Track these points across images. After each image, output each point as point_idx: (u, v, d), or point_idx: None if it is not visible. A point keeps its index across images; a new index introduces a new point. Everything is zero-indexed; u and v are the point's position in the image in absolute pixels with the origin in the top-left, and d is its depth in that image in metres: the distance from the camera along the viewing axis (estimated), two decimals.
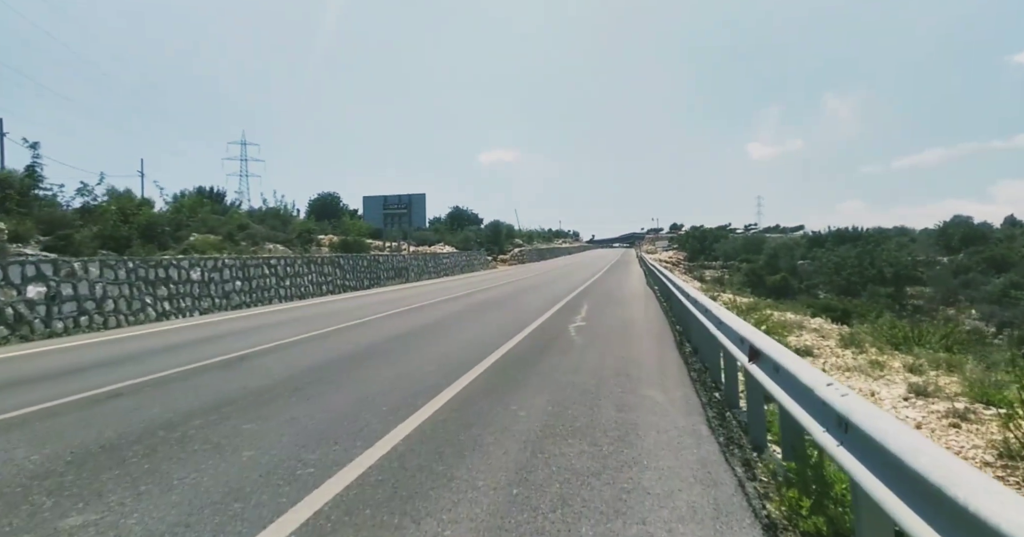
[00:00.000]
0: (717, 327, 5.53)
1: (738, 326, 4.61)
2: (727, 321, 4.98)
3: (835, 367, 7.46)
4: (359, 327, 10.14)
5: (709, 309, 6.13)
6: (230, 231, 23.57)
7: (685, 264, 58.96)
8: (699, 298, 7.24)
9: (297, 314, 13.09)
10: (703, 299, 7.04)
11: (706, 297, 7.68)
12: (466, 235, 54.19)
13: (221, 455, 3.59)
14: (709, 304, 6.38)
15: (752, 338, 4.03)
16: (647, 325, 10.25)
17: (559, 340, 8.38)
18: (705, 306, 6.47)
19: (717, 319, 5.49)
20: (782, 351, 3.50)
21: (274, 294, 17.22)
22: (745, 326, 4.59)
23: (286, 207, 44.69)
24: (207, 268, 14.53)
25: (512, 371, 6.22)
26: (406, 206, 32.31)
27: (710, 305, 6.33)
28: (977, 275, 39.67)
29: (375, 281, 24.44)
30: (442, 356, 7.11)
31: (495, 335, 8.80)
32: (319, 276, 20.14)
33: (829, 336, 10.20)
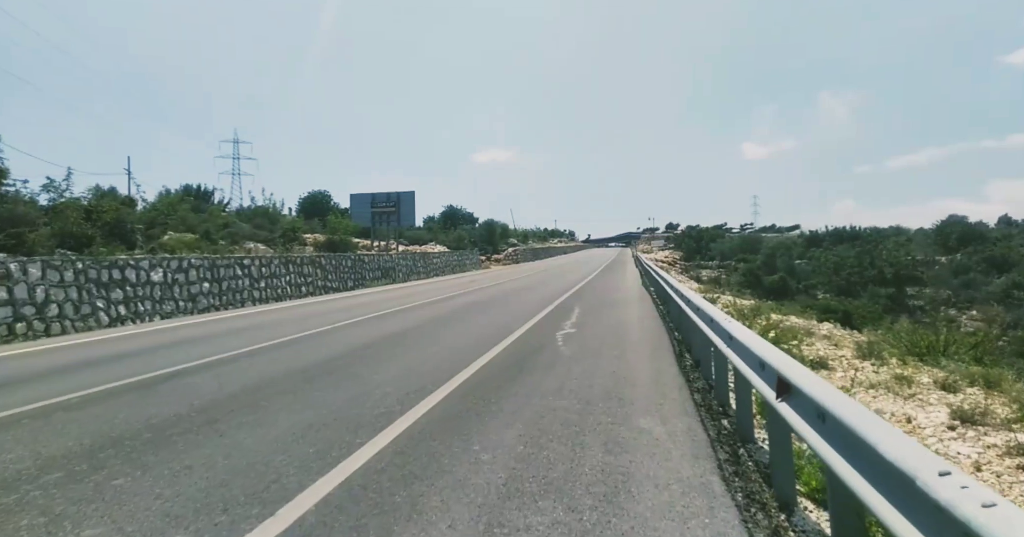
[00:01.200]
0: (727, 343, 4.59)
1: (757, 346, 3.67)
2: (742, 338, 4.04)
3: (857, 383, 6.54)
4: (325, 335, 9.16)
5: (715, 320, 5.19)
6: (207, 230, 22.59)
7: (681, 264, 58.15)
8: (702, 305, 6.30)
9: (266, 319, 12.09)
10: (707, 306, 6.11)
11: (707, 301, 6.75)
12: (459, 234, 53.22)
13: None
14: (715, 313, 5.44)
15: (779, 365, 3.08)
16: (642, 332, 9.31)
17: (544, 351, 7.43)
18: (710, 315, 5.53)
19: (726, 333, 4.55)
20: (827, 389, 2.55)
21: (247, 296, 16.20)
22: (766, 346, 3.65)
23: (275, 205, 43.61)
24: (171, 269, 13.50)
25: (484, 392, 5.26)
26: (394, 204, 31.29)
27: (716, 314, 5.39)
28: (977, 275, 39.03)
29: (359, 282, 23.43)
30: (407, 372, 6.14)
31: (473, 345, 7.84)
32: (298, 277, 19.12)
33: (842, 344, 9.29)
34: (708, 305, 6.24)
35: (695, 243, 70.33)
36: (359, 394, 5.18)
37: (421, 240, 46.08)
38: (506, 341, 8.22)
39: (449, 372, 6.10)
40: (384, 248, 32.92)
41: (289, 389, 5.40)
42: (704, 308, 5.95)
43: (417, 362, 6.66)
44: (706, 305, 6.23)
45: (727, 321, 4.74)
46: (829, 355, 8.15)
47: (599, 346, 7.87)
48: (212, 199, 39.14)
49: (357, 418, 4.41)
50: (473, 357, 6.95)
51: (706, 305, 6.23)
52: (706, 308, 5.85)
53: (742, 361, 3.98)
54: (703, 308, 6.11)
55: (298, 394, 5.21)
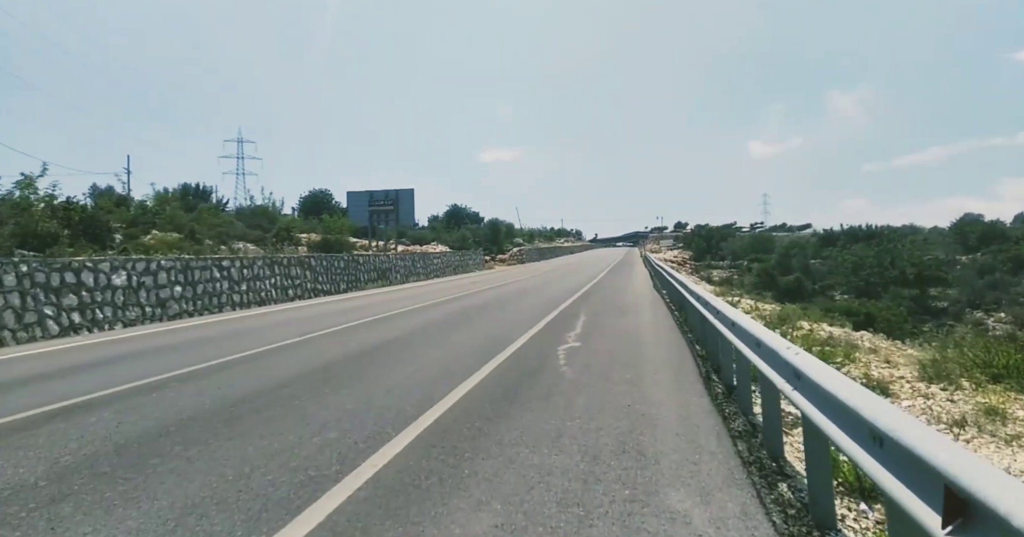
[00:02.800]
0: (792, 385, 3.24)
1: (864, 403, 2.31)
2: (827, 383, 2.68)
3: (935, 418, 5.18)
4: (286, 350, 7.88)
5: (767, 342, 3.85)
6: (192, 229, 21.48)
7: (692, 264, 56.59)
8: (739, 320, 4.95)
9: (236, 327, 10.84)
10: (748, 323, 4.76)
11: (742, 313, 5.40)
12: (463, 234, 52.04)
13: None
14: (767, 336, 4.10)
15: (943, 463, 1.72)
16: (658, 346, 7.97)
17: (542, 374, 6.11)
18: (756, 335, 4.18)
19: (794, 369, 3.20)
20: None
21: (226, 300, 14.99)
22: (877, 405, 2.29)
23: (274, 205, 42.60)
24: (136, 271, 12.30)
25: (457, 441, 3.96)
26: (393, 202, 30.05)
27: (769, 338, 4.05)
28: (1004, 275, 37.24)
29: (353, 284, 22.20)
30: (363, 407, 4.84)
31: (458, 365, 6.54)
32: (285, 279, 17.90)
33: (894, 361, 7.89)
34: (747, 319, 4.89)
35: (705, 242, 68.65)
36: (287, 446, 3.88)
37: (424, 240, 44.91)
38: (498, 358, 6.91)
39: (419, 406, 4.80)
40: (383, 248, 31.72)
41: (196, 438, 4.09)
42: (746, 325, 4.59)
43: (381, 391, 5.36)
44: (745, 320, 4.88)
45: (791, 351, 3.38)
46: (885, 376, 6.78)
47: (608, 365, 6.54)
48: (211, 198, 38.30)
49: (266, 495, 3.11)
50: (454, 383, 5.64)
51: (745, 320, 4.88)
52: (750, 326, 4.50)
53: (828, 420, 2.63)
54: (742, 324, 4.76)
55: (204, 446, 3.91)
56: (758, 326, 4.39)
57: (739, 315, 5.25)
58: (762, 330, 4.25)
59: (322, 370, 6.30)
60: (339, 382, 5.71)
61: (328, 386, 5.54)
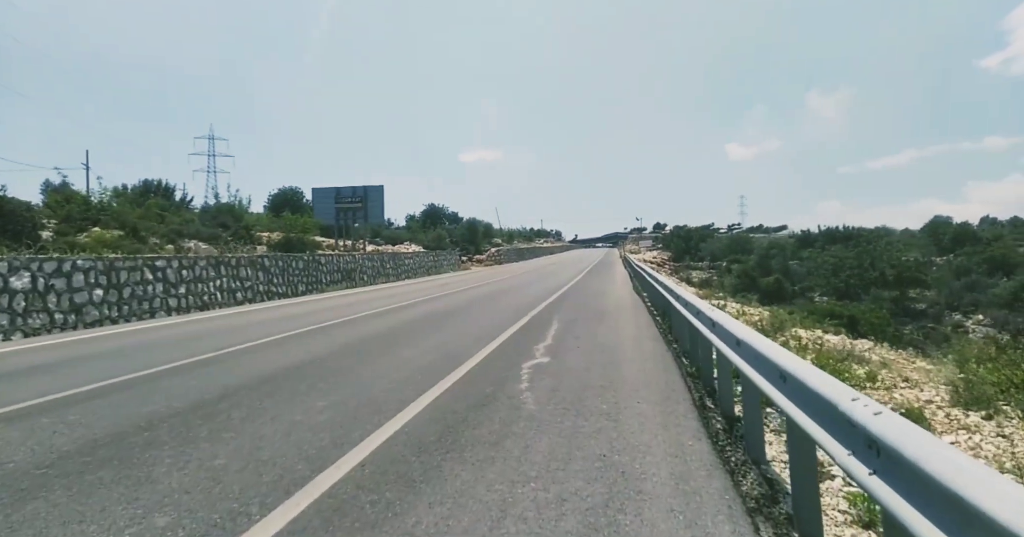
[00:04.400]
0: (857, 456, 2.02)
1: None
2: (939, 476, 1.45)
3: (995, 463, 4.06)
4: (185, 371, 6.45)
5: (820, 392, 2.63)
6: (135, 227, 19.71)
7: (671, 264, 56.02)
8: (751, 339, 3.75)
9: (150, 338, 9.33)
10: (768, 347, 3.55)
11: (756, 333, 4.21)
12: (439, 234, 50.56)
13: None
14: (799, 366, 2.88)
15: None
16: (640, 362, 6.76)
17: (496, 405, 4.83)
18: (785, 367, 2.97)
19: (867, 436, 1.97)
20: None
21: (160, 305, 13.38)
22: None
23: (240, 202, 40.53)
24: (44, 273, 10.67)
25: (350, 532, 2.65)
26: (361, 199, 28.47)
27: (801, 368, 2.84)
28: (980, 277, 37.26)
29: (313, 286, 20.64)
30: (235, 467, 3.49)
31: (388, 394, 5.22)
32: (233, 281, 16.30)
33: (912, 378, 6.81)
34: (763, 341, 3.68)
35: (684, 243, 68.27)
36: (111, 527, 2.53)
37: (399, 239, 43.35)
38: (446, 381, 5.60)
39: (317, 461, 3.48)
40: (351, 248, 30.11)
41: None
42: (765, 350, 3.37)
43: (277, 435, 4.01)
44: (759, 341, 3.67)
45: (861, 406, 2.14)
46: (910, 399, 5.67)
47: (580, 390, 5.29)
48: (175, 196, 36.22)
49: None
50: (379, 419, 4.33)
51: (759, 341, 3.67)
52: (772, 353, 3.28)
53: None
54: (757, 346, 3.55)
55: None
56: (785, 353, 3.17)
57: (748, 332, 4.05)
58: (791, 358, 3.04)
59: (211, 403, 4.91)
60: (225, 420, 4.34)
61: (207, 428, 4.16)
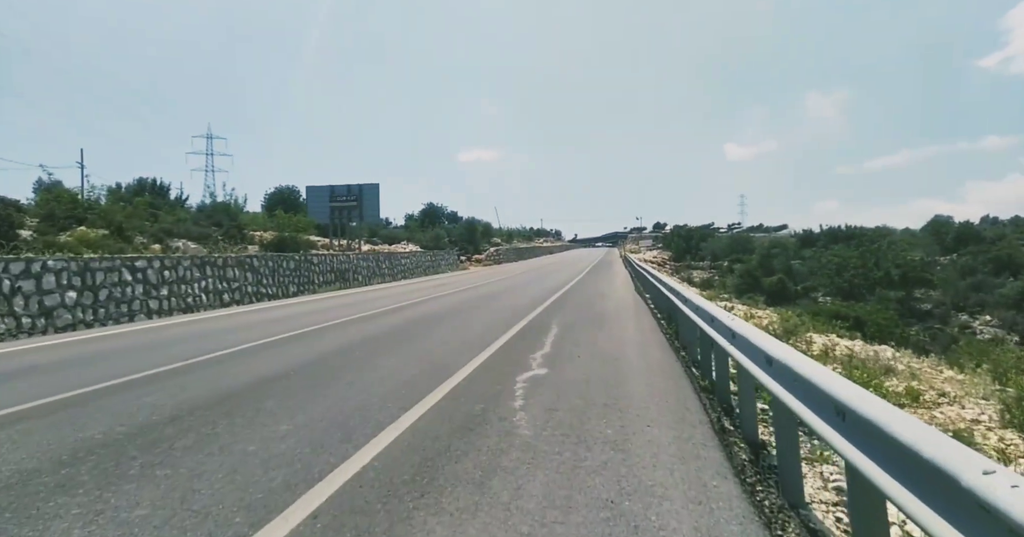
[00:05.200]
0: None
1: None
2: None
3: None
4: (138, 387, 5.82)
5: (895, 436, 2.01)
6: (121, 226, 19.05)
7: (671, 264, 55.41)
8: (793, 361, 3.12)
9: (122, 343, 8.69)
10: (805, 365, 2.92)
11: (786, 346, 3.58)
12: (437, 233, 49.95)
13: None
14: (853, 394, 2.25)
15: None
16: (647, 375, 6.13)
17: (485, 429, 4.20)
18: (845, 404, 2.35)
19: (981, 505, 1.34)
20: None
21: (139, 307, 12.73)
22: None
23: (236, 201, 39.93)
24: (10, 274, 10.03)
25: None
26: (356, 198, 27.82)
27: (859, 399, 2.22)
28: (986, 277, 36.62)
29: (305, 287, 19.99)
30: (163, 515, 2.86)
31: (360, 416, 4.58)
32: (219, 282, 15.66)
33: (946, 390, 6.18)
34: (805, 360, 3.05)
35: (685, 243, 67.61)
36: None
37: (397, 239, 42.73)
38: (430, 399, 4.97)
39: (262, 509, 2.84)
40: (347, 247, 29.46)
41: None
42: (811, 375, 2.73)
43: (219, 473, 3.37)
44: (803, 362, 3.04)
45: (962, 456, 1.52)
46: (952, 418, 5.04)
47: (582, 410, 4.66)
48: (170, 195, 35.65)
49: None
50: (351, 447, 3.70)
51: (803, 362, 3.04)
52: (823, 380, 2.64)
53: None
54: (798, 368, 2.92)
55: None
56: (843, 382, 2.52)
57: (782, 348, 3.40)
58: (853, 389, 2.40)
59: (158, 426, 4.26)
60: (166, 450, 3.70)
61: (141, 462, 3.52)
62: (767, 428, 5.01)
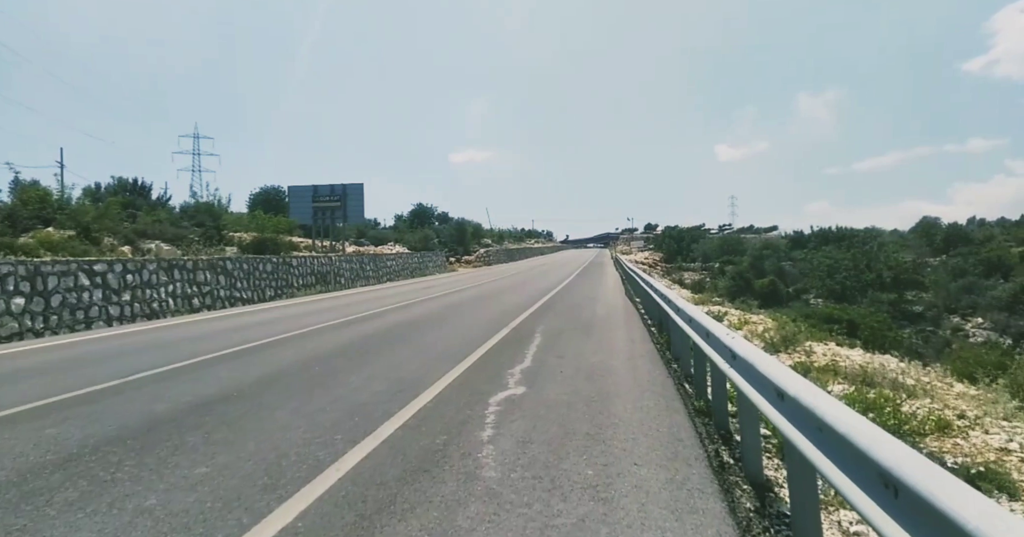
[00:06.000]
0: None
1: None
2: None
3: None
4: (66, 408, 5.10)
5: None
6: (86, 227, 18.16)
7: (663, 265, 55.04)
8: (813, 400, 2.49)
9: (63, 355, 7.94)
10: (830, 407, 2.30)
11: (802, 378, 2.97)
12: (426, 234, 49.16)
13: None
14: (904, 459, 1.62)
15: None
16: (637, 395, 5.50)
17: (444, 467, 3.54)
18: (895, 474, 1.72)
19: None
20: None
21: (98, 314, 11.94)
22: None
23: (219, 202, 38.94)
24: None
25: None
26: (340, 198, 27.04)
27: (913, 469, 1.58)
28: (977, 279, 36.49)
29: (282, 290, 19.22)
30: None
31: (310, 446, 3.91)
32: (189, 286, 14.88)
33: (968, 413, 5.61)
34: (831, 401, 2.42)
35: (676, 244, 67.26)
36: None
37: (385, 240, 41.96)
38: (389, 424, 4.30)
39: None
40: (330, 248, 28.66)
41: None
42: (866, 445, 2.10)
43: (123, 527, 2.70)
44: (828, 404, 2.41)
45: None
46: (978, 446, 4.46)
47: (561, 442, 4.02)
48: (150, 194, 34.73)
49: None
50: (274, 499, 3.03)
51: (828, 404, 2.41)
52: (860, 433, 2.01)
53: None
54: (824, 413, 2.30)
55: None
56: (890, 440, 1.89)
57: (798, 382, 2.78)
58: (902, 451, 1.77)
59: (46, 470, 3.55)
60: (39, 507, 3.00)
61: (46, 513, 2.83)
62: (771, 458, 4.41)
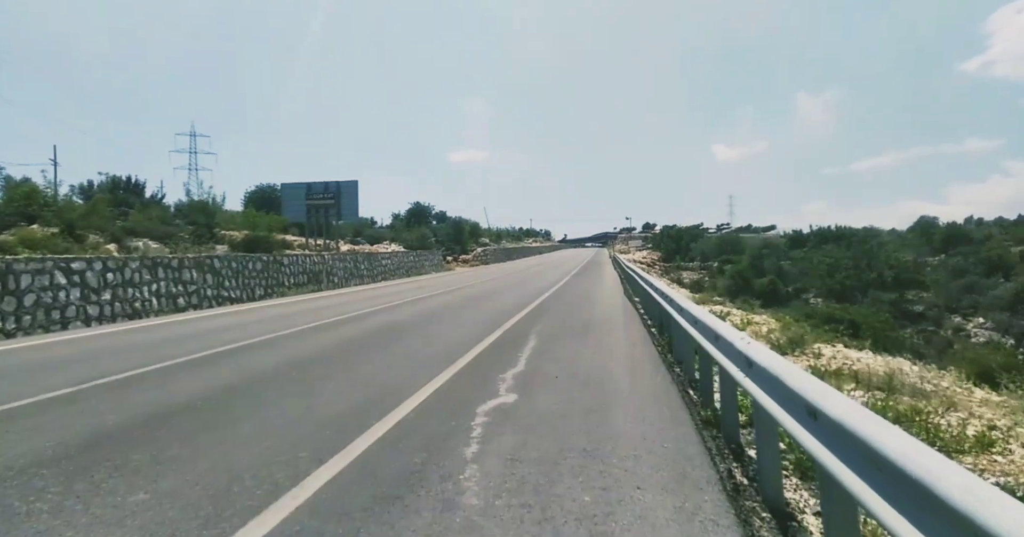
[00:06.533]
0: None
1: None
2: None
3: None
4: (10, 421, 4.64)
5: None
6: (70, 224, 17.66)
7: (661, 265, 54.64)
8: (852, 420, 2.04)
9: (26, 358, 7.46)
10: (872, 426, 1.85)
11: (837, 391, 2.53)
12: (422, 232, 48.66)
13: None
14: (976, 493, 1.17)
15: None
16: (640, 405, 5.06)
17: (420, 495, 3.09)
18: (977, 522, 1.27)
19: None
20: None
21: (75, 314, 11.46)
22: None
23: (214, 200, 38.39)
24: None
25: None
26: (334, 195, 26.54)
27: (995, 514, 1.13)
28: (978, 278, 36.15)
29: (273, 289, 18.73)
30: None
31: (270, 466, 3.46)
32: (174, 285, 14.39)
33: (998, 424, 5.18)
34: (875, 420, 1.98)
35: (674, 243, 66.89)
36: None
37: (382, 238, 41.50)
38: (363, 440, 3.85)
39: None
40: (324, 247, 28.17)
41: None
42: (922, 473, 1.65)
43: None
44: (871, 422, 1.96)
45: None
46: (1019, 463, 4.02)
47: (554, 460, 3.57)
48: (144, 192, 34.30)
49: None
50: (219, 534, 2.58)
51: (871, 422, 1.96)
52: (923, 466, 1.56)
53: None
54: (866, 434, 1.85)
55: None
56: (958, 470, 1.44)
57: (832, 396, 2.33)
58: (971, 482, 1.32)
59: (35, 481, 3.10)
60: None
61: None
62: (788, 476, 3.98)
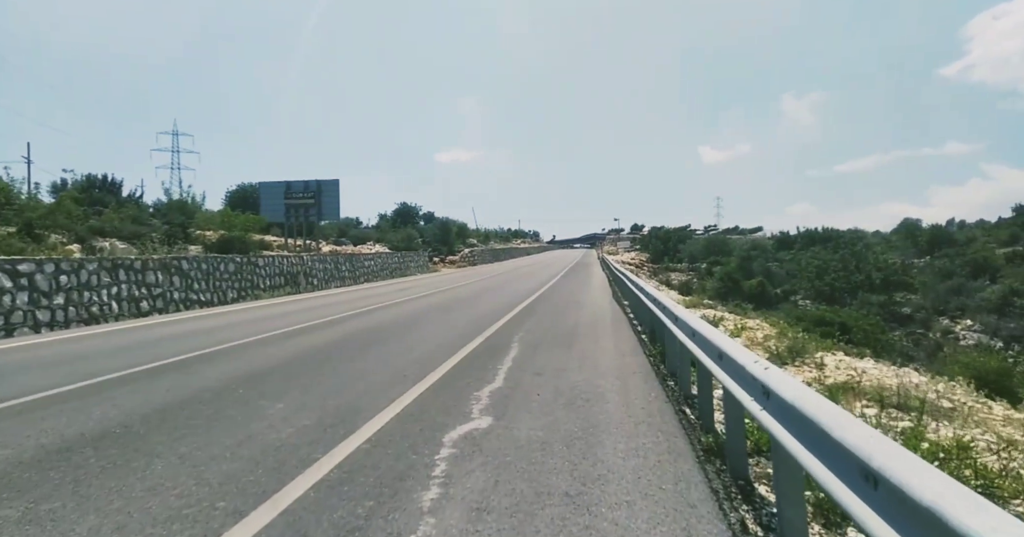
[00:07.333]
0: None
1: None
2: None
3: None
4: None
5: None
6: (28, 223, 16.69)
7: (650, 266, 54.36)
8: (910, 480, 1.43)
9: None
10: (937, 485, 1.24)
11: (884, 435, 1.95)
12: (408, 233, 47.82)
13: None
14: None
15: None
16: (633, 430, 4.45)
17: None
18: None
19: None
20: None
21: (22, 320, 10.61)
22: None
23: (193, 199, 37.27)
24: None
25: None
26: (314, 194, 25.71)
27: None
28: (965, 280, 36.24)
29: (247, 292, 17.90)
30: None
31: (184, 520, 2.79)
32: (137, 288, 13.54)
33: (1014, 439, 4.63)
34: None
35: (662, 244, 66.68)
36: None
37: (367, 239, 40.64)
38: (298, 485, 3.19)
39: None
40: (305, 247, 27.30)
41: None
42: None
43: None
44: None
45: None
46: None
47: (530, 515, 2.93)
48: (121, 191, 33.20)
49: None
50: None
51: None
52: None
53: None
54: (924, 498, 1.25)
55: None
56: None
57: (881, 442, 1.73)
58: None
59: None
60: None
61: None
62: (811, 525, 3.38)
